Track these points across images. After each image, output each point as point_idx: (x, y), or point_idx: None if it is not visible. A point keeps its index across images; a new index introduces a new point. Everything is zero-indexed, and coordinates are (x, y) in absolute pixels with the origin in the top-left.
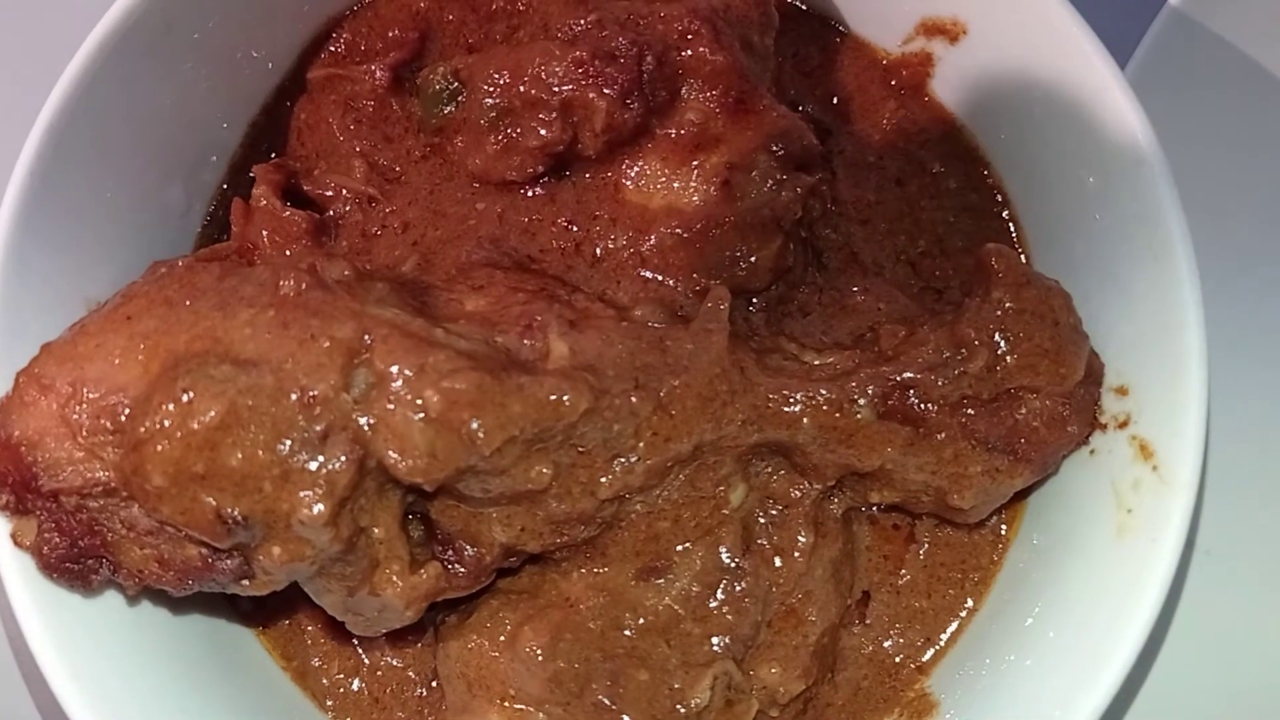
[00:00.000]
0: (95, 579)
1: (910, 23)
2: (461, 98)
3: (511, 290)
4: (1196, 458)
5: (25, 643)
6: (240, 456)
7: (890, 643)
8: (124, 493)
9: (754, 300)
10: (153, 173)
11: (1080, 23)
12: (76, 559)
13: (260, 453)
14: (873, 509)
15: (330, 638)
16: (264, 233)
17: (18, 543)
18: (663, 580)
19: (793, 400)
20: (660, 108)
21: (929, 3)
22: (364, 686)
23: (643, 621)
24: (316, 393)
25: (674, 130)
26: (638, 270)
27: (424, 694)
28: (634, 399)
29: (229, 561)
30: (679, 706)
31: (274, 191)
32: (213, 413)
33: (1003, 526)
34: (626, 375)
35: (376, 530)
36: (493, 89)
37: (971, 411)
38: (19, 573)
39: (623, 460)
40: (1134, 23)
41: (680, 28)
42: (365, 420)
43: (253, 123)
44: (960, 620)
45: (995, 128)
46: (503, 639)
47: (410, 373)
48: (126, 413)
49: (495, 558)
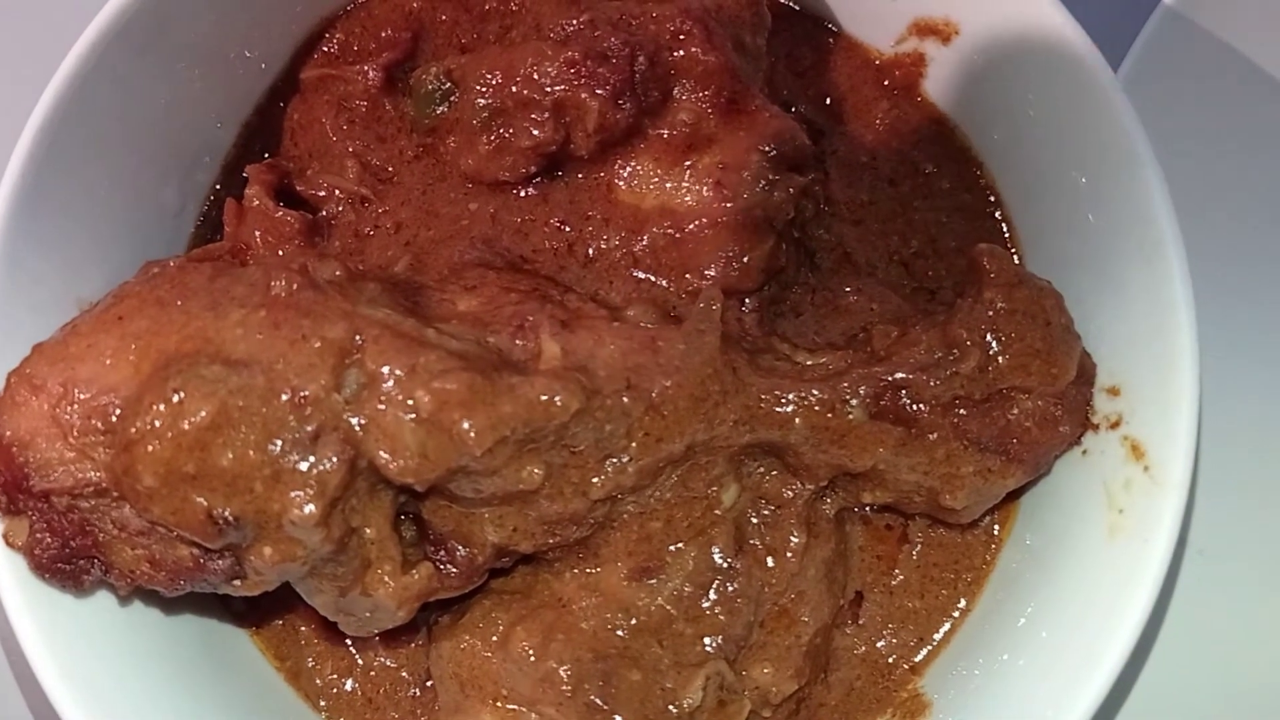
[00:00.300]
0: (87, 579)
1: (903, 23)
2: (454, 98)
3: (504, 290)
4: (1188, 458)
5: (17, 643)
6: (231, 457)
7: (883, 643)
8: (115, 493)
9: (746, 301)
10: (146, 173)
11: (1072, 23)
12: (68, 559)
13: (251, 453)
14: (865, 509)
15: (324, 638)
16: (257, 233)
17: (9, 543)
18: (655, 580)
19: (785, 400)
20: (652, 108)
21: (921, 3)
22: (357, 687)
23: (635, 622)
24: (308, 393)
25: (666, 131)
26: (630, 270)
27: (417, 694)
28: (626, 399)
29: (220, 562)
30: (671, 707)
31: (267, 192)
32: (203, 413)
33: (996, 527)
34: (618, 376)
35: (368, 531)
36: (485, 89)
37: (964, 412)
38: (11, 573)
39: (615, 460)
40: (1128, 22)
41: (672, 28)
42: (356, 420)
43: (246, 123)
44: (953, 620)
45: (988, 128)
46: (495, 639)
47: (401, 373)
48: (118, 413)
49: (487, 558)
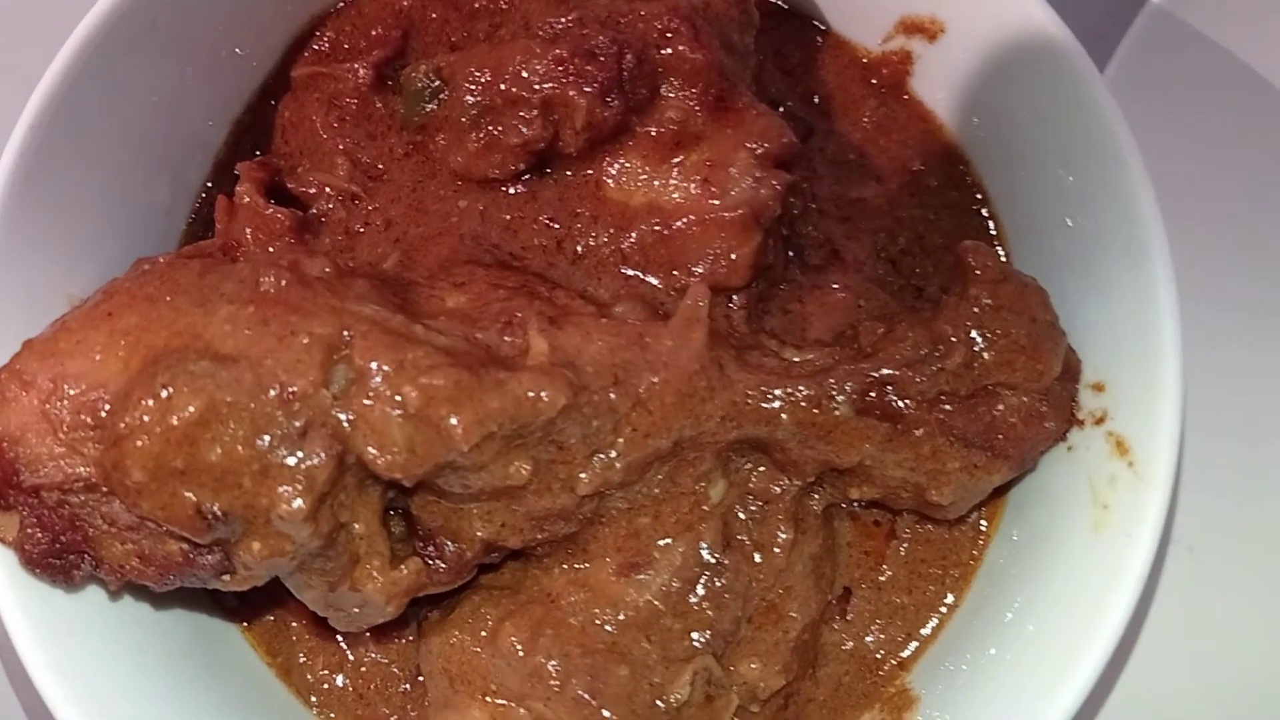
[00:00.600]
0: (77, 574)
1: (890, 21)
2: (443, 95)
3: (492, 287)
4: (1172, 454)
5: (8, 638)
6: (220, 452)
7: (871, 638)
8: (105, 488)
9: (734, 297)
10: (137, 170)
11: (1058, 22)
12: (58, 554)
13: (239, 448)
14: (853, 505)
15: (315, 634)
16: (248, 230)
17: None
18: (643, 576)
19: (772, 397)
20: (640, 106)
21: (908, 1)
22: (348, 682)
23: (623, 617)
24: (296, 389)
25: (654, 128)
26: (618, 267)
27: (408, 689)
28: (613, 395)
29: (209, 557)
30: (659, 702)
31: (257, 189)
32: (192, 408)
33: (983, 522)
34: (606, 372)
35: (357, 526)
36: (474, 87)
37: (949, 408)
38: (1, 568)
39: (602, 456)
40: (1115, 22)
41: (660, 26)
42: (344, 416)
43: (237, 120)
44: (941, 615)
45: (975, 126)
46: (484, 634)
47: (389, 369)
48: (107, 408)
49: (476, 553)
